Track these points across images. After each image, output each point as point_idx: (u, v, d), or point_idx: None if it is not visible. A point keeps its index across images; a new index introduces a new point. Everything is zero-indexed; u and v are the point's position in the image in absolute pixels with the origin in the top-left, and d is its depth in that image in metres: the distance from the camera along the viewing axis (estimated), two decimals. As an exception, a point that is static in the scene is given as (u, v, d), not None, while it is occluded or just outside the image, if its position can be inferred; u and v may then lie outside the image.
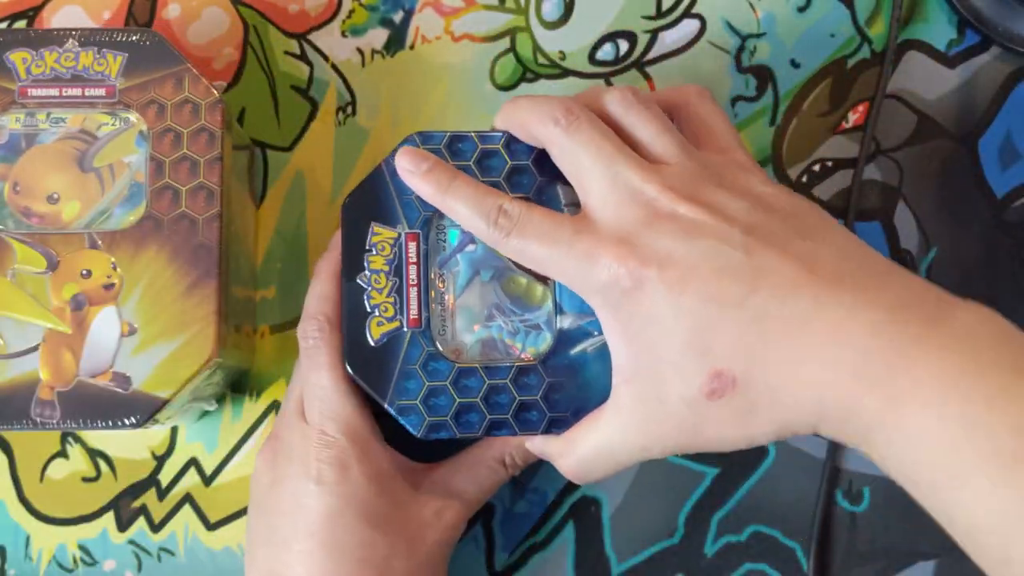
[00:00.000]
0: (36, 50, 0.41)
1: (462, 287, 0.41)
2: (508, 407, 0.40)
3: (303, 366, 0.41)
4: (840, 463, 0.47)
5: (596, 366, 0.40)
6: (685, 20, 0.50)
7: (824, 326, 0.34)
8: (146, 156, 0.41)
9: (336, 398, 0.40)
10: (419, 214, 0.40)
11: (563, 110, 0.39)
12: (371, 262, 0.40)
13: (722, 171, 0.38)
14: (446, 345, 0.41)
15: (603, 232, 0.37)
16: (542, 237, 0.38)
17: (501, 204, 0.38)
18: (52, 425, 0.39)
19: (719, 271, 0.35)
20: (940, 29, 0.50)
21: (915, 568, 0.47)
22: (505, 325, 0.41)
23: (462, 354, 0.41)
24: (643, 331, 0.36)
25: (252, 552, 0.41)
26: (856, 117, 0.50)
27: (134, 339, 0.40)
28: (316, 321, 0.41)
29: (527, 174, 0.41)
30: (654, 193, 0.37)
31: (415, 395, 0.40)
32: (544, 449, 0.41)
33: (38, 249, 0.40)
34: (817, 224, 0.37)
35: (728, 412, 0.36)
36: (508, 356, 0.41)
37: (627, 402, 0.37)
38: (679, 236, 0.36)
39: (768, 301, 0.35)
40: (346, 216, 0.41)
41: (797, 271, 0.35)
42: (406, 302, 0.40)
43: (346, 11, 0.49)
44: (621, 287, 0.36)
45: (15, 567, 0.46)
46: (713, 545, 0.47)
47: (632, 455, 0.38)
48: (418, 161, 0.40)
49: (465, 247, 0.41)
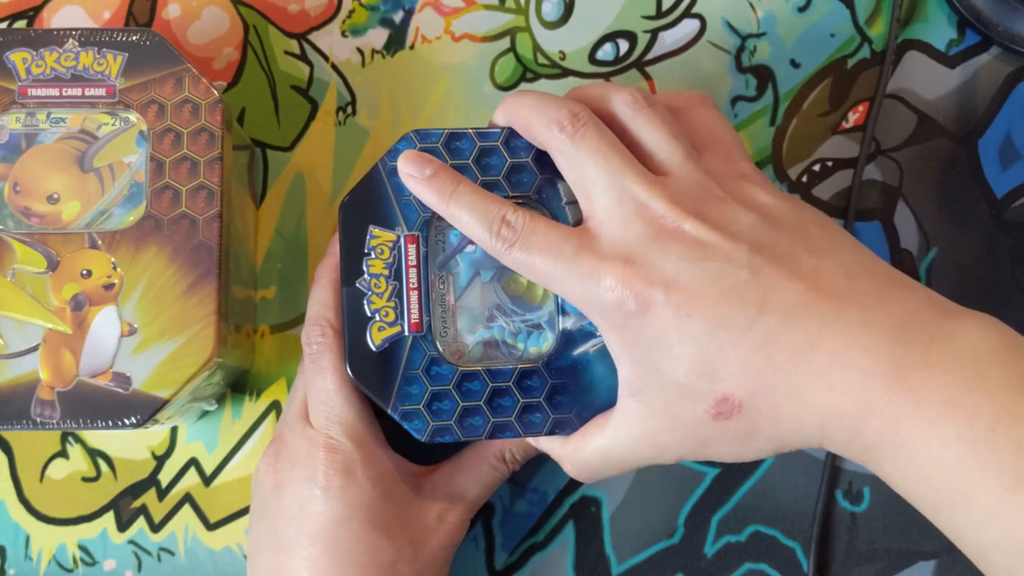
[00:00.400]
0: (36, 50, 0.41)
1: (462, 288, 0.41)
2: (511, 410, 0.40)
3: (307, 371, 0.41)
4: (840, 463, 0.47)
5: (599, 367, 0.40)
6: (685, 20, 0.50)
7: (829, 350, 0.34)
8: (146, 156, 0.41)
9: (341, 403, 0.40)
10: (418, 215, 0.40)
11: (569, 115, 0.38)
12: (370, 266, 0.40)
13: (727, 182, 0.38)
14: (448, 347, 0.41)
15: (607, 249, 0.36)
16: (545, 251, 0.37)
17: (504, 214, 0.38)
18: (52, 425, 0.39)
19: (726, 294, 0.35)
20: (940, 29, 0.50)
21: (915, 568, 0.47)
22: (507, 325, 0.41)
23: (464, 356, 0.41)
24: (648, 353, 0.36)
25: (254, 558, 0.41)
26: (856, 117, 0.50)
27: (134, 339, 0.40)
28: (319, 327, 0.41)
29: (527, 172, 0.40)
30: (661, 210, 0.36)
31: (418, 400, 0.39)
32: (549, 450, 0.41)
33: (38, 249, 0.40)
34: (822, 237, 0.37)
35: (734, 432, 0.36)
36: (511, 357, 0.41)
37: (633, 415, 0.37)
38: (685, 257, 0.35)
39: (775, 325, 0.35)
40: (344, 219, 0.40)
41: (804, 291, 0.35)
42: (407, 306, 0.40)
43: (346, 11, 0.49)
44: (626, 309, 0.36)
45: (15, 567, 0.46)
46: (713, 545, 0.47)
47: (639, 461, 0.38)
48: (421, 166, 0.39)
49: (464, 247, 0.41)
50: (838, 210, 0.49)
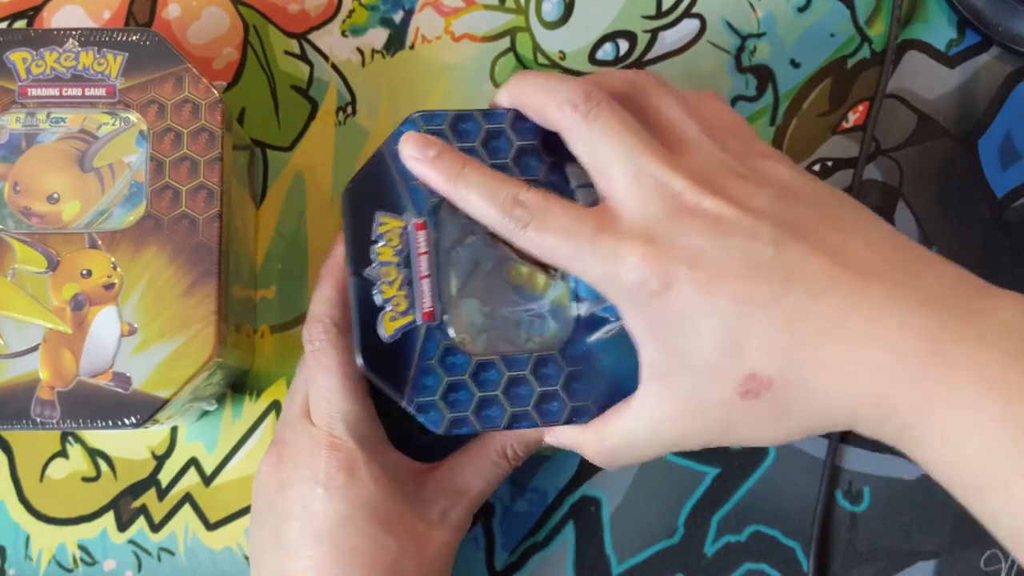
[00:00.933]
0: (36, 50, 0.41)
1: (464, 278, 0.40)
2: (528, 399, 0.39)
3: (309, 368, 0.41)
4: (840, 463, 0.47)
5: (614, 353, 0.39)
6: (685, 20, 0.50)
7: (858, 325, 0.34)
8: (146, 156, 0.41)
9: (344, 401, 0.40)
10: (425, 201, 0.39)
11: (583, 95, 0.36)
12: (379, 254, 0.39)
13: (745, 158, 0.37)
14: (451, 338, 0.40)
15: (627, 228, 0.35)
16: (562, 231, 0.36)
17: (517, 194, 0.36)
18: (52, 425, 0.39)
19: (750, 270, 0.34)
20: (940, 29, 0.50)
21: (915, 568, 0.47)
22: (509, 316, 0.40)
23: (468, 347, 0.40)
24: (673, 332, 0.35)
25: (258, 559, 0.41)
26: (856, 117, 0.50)
27: (134, 339, 0.40)
28: (321, 324, 0.41)
29: (534, 154, 0.39)
30: (680, 187, 0.35)
31: (434, 391, 0.38)
32: (571, 438, 0.40)
33: (38, 249, 0.40)
34: (846, 212, 0.36)
35: (763, 412, 0.35)
36: (514, 347, 0.40)
37: (657, 398, 0.36)
38: (707, 233, 0.35)
39: (801, 300, 0.34)
40: (348, 205, 0.39)
41: (829, 266, 0.34)
42: (418, 295, 0.39)
43: (346, 11, 0.49)
44: (649, 289, 0.35)
45: (15, 567, 0.46)
46: (713, 545, 0.47)
47: (662, 446, 0.38)
48: (424, 147, 0.38)
49: (465, 238, 0.40)
50: (838, 210, 0.49)
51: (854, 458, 0.47)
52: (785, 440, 0.36)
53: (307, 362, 0.41)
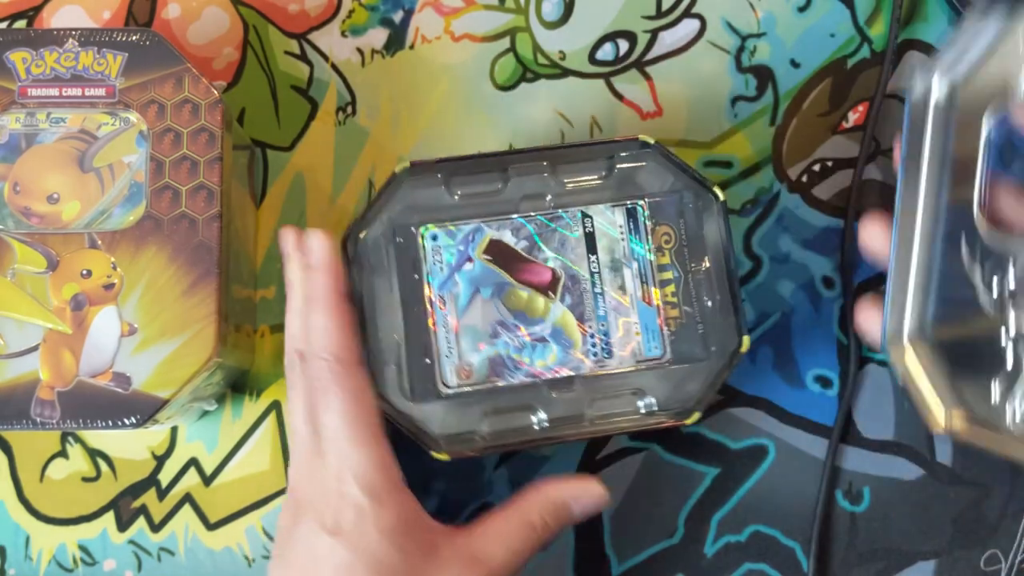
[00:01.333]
0: (36, 50, 0.41)
1: (464, 307, 0.41)
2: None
3: (316, 406, 0.39)
4: (840, 463, 0.47)
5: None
6: (685, 20, 0.50)
7: None
8: (146, 156, 0.41)
9: (353, 448, 0.38)
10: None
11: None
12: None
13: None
14: (454, 366, 0.41)
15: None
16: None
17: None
18: (52, 425, 0.39)
19: None
20: (940, 29, 0.50)
21: (915, 568, 0.47)
22: (510, 341, 0.41)
23: (471, 374, 0.41)
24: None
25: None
26: (856, 117, 0.50)
27: (134, 339, 0.40)
28: (324, 362, 0.39)
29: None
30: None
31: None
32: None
33: (38, 249, 0.40)
34: None
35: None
36: (517, 372, 0.41)
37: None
38: None
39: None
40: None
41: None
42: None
43: (346, 11, 0.49)
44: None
45: (15, 567, 0.46)
46: (713, 545, 0.47)
47: None
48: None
49: (463, 266, 0.41)
50: (838, 210, 0.49)
51: (854, 458, 0.47)
52: None
53: (311, 397, 0.39)
